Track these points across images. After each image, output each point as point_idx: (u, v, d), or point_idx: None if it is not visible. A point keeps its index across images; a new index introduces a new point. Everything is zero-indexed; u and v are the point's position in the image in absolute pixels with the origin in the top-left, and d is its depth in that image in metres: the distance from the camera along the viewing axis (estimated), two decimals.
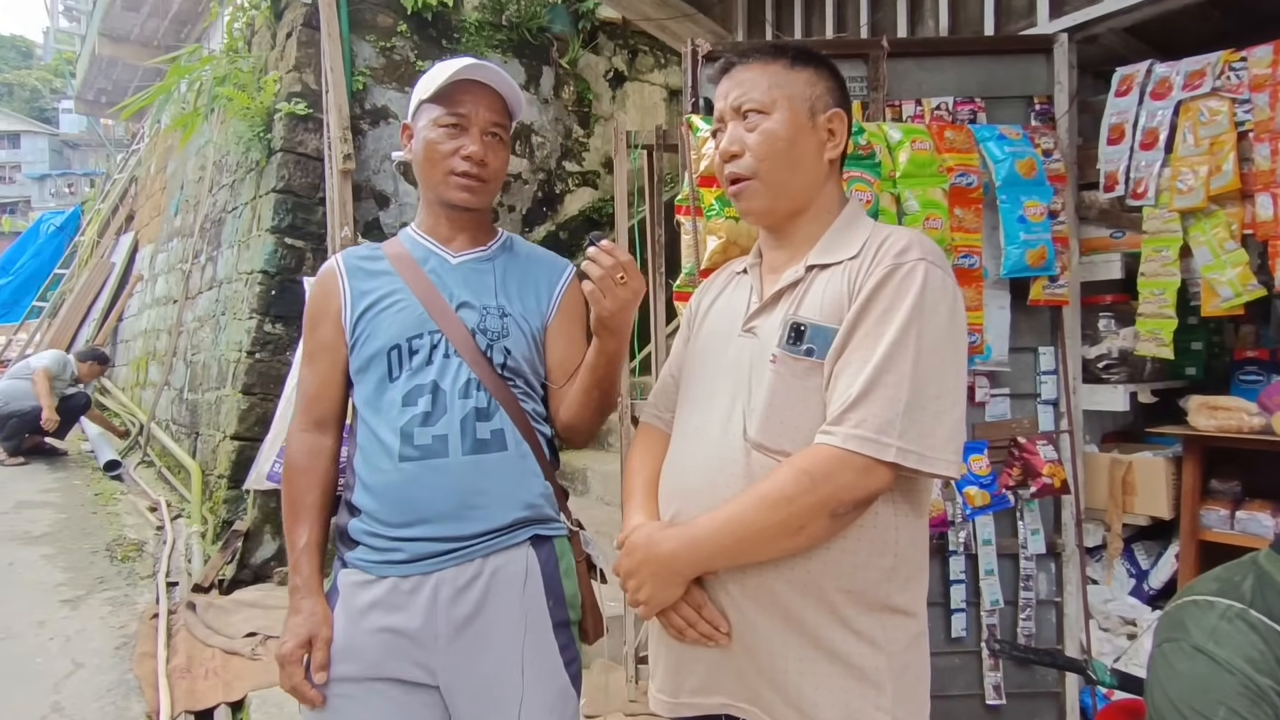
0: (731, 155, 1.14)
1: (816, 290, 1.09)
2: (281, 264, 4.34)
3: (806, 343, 1.05)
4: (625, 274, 1.11)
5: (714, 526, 1.03)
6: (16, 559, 3.90)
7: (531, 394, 1.33)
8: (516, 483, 1.26)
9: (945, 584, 2.21)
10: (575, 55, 5.82)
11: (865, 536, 1.04)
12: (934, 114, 2.20)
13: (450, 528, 1.21)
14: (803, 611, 1.03)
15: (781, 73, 1.13)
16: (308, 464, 1.32)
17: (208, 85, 4.91)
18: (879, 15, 2.79)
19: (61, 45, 18.10)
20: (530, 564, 1.26)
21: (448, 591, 1.20)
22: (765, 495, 1.00)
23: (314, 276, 1.41)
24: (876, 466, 0.97)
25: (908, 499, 1.08)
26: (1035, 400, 2.28)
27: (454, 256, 1.34)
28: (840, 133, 1.14)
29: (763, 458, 1.06)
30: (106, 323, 7.68)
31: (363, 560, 1.24)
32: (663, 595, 1.07)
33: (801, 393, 1.05)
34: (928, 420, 0.98)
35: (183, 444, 5.19)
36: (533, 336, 1.34)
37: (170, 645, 3.07)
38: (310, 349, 1.35)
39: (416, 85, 1.33)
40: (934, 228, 1.93)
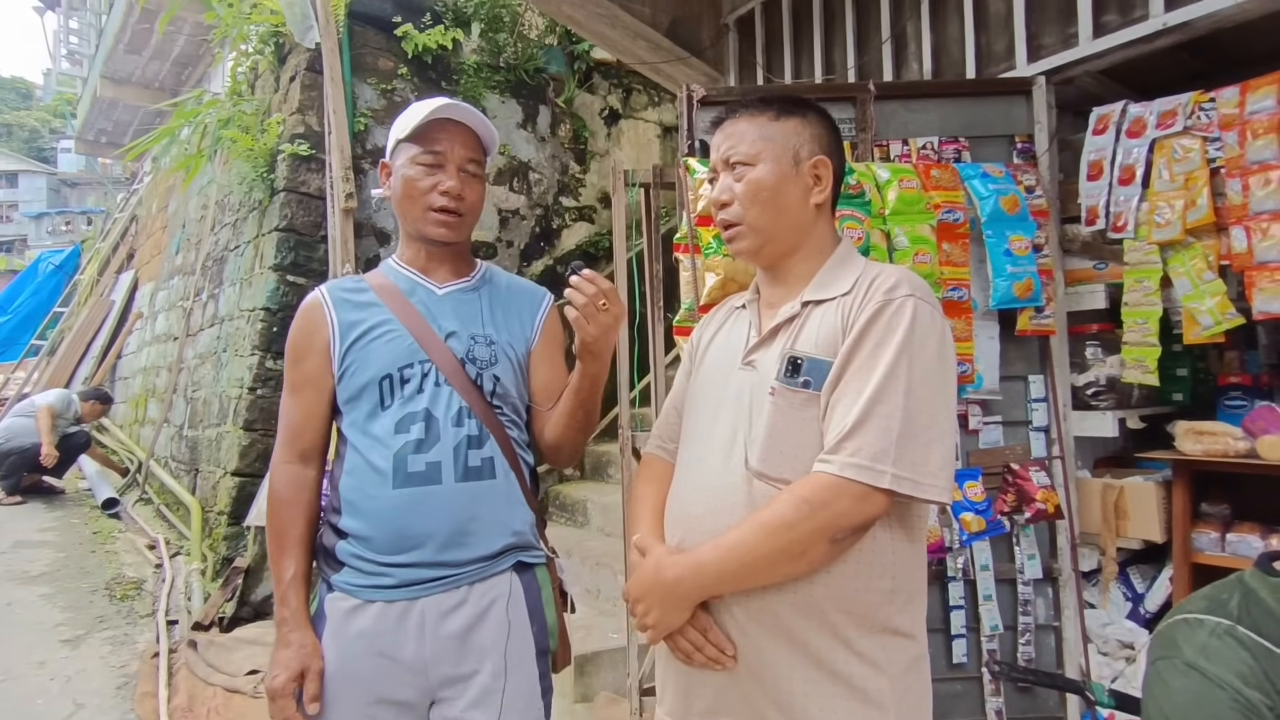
0: (722, 204, 1.22)
1: (812, 325, 1.14)
2: (284, 301, 4.40)
3: (803, 375, 1.11)
4: (606, 300, 1.17)
5: (718, 553, 1.07)
6: (15, 599, 3.89)
7: (517, 421, 1.38)
8: (506, 510, 1.31)
9: (945, 610, 2.25)
10: (571, 95, 5.97)
11: (864, 560, 1.08)
12: (920, 153, 2.29)
13: (442, 554, 1.24)
14: (806, 634, 1.07)
15: (768, 124, 1.20)
16: (292, 496, 1.33)
17: (212, 128, 5.02)
18: (865, 59, 2.91)
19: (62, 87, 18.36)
20: (514, 590, 1.30)
21: (434, 615, 1.23)
22: (767, 522, 1.04)
23: None
24: (872, 493, 1.01)
25: (903, 524, 1.12)
26: (1027, 427, 2.34)
27: (439, 288, 1.38)
28: (826, 178, 1.21)
29: (764, 486, 1.10)
30: (105, 360, 7.70)
31: (349, 584, 1.26)
32: (670, 619, 1.11)
33: (800, 423, 1.10)
34: (920, 448, 1.03)
35: (182, 481, 5.19)
36: (518, 363, 1.38)
37: (171, 684, 3.05)
38: (295, 381, 1.36)
39: (393, 125, 1.38)
40: (923, 262, 2.00)
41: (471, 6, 5.33)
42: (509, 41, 5.56)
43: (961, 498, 2.08)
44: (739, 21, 3.44)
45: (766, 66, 3.29)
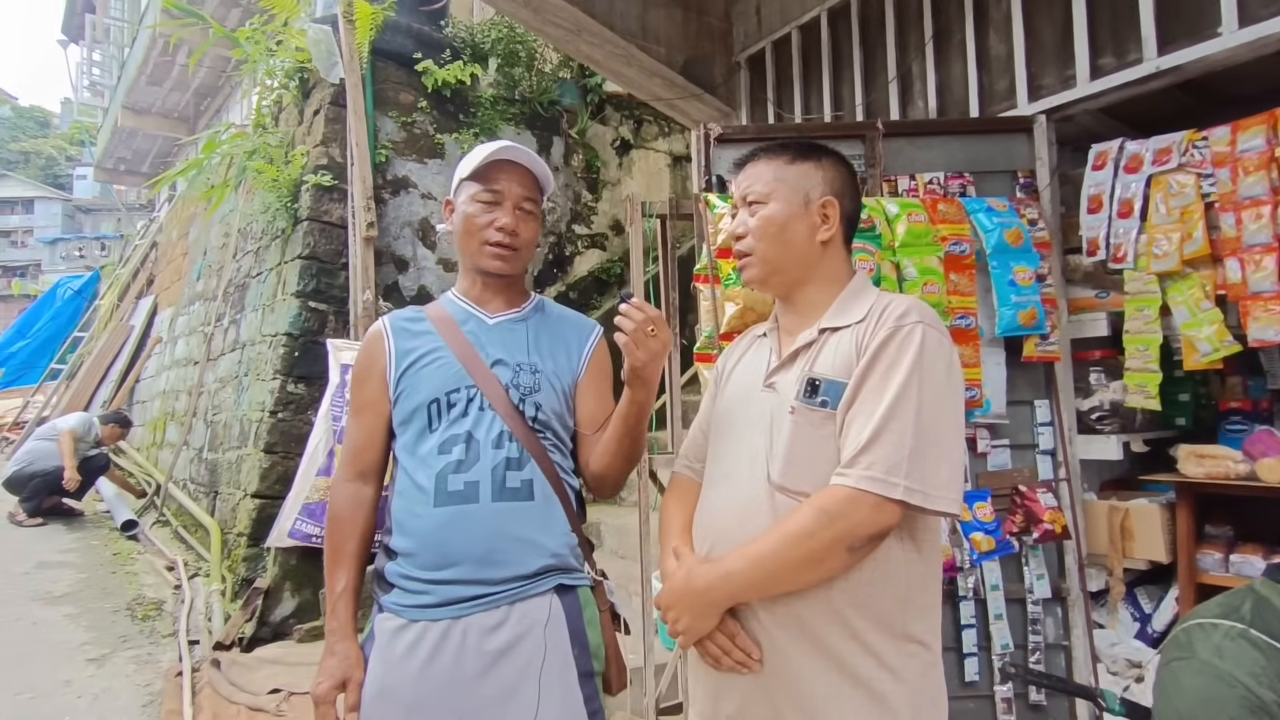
0: (738, 237, 1.34)
1: (829, 350, 1.24)
2: (305, 326, 4.51)
3: (821, 395, 1.20)
4: (655, 327, 1.23)
5: (744, 561, 1.15)
6: (40, 618, 3.96)
7: (561, 447, 1.43)
8: (543, 531, 1.34)
9: (957, 628, 2.31)
10: (584, 126, 6.15)
11: (880, 569, 1.16)
12: (927, 188, 2.40)
13: (479, 571, 1.29)
14: (828, 638, 1.15)
15: (783, 167, 1.32)
16: (350, 513, 1.41)
17: (238, 159, 5.18)
18: (872, 97, 3.04)
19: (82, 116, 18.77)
20: (554, 612, 1.32)
21: (475, 635, 1.27)
22: (788, 532, 1.13)
23: (336, 339, 1.53)
24: (886, 504, 1.10)
25: (914, 536, 1.20)
26: (1034, 450, 2.42)
27: (490, 318, 1.46)
28: (833, 217, 1.31)
29: (785, 498, 1.19)
30: (124, 384, 7.83)
31: (397, 604, 1.32)
32: (699, 625, 1.19)
33: (818, 440, 1.19)
34: (930, 463, 1.12)
35: (201, 503, 5.27)
36: (563, 392, 1.44)
37: (195, 703, 3.11)
38: (357, 404, 1.46)
39: (458, 165, 1.48)
40: (931, 292, 2.10)
41: (489, 43, 5.52)
42: (524, 76, 5.75)
43: (971, 518, 2.15)
44: (750, 60, 3.58)
45: (777, 103, 3.43)
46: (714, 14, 3.56)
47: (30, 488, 5.56)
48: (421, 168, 5.13)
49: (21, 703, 3.04)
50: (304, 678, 3.24)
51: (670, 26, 3.38)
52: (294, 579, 3.99)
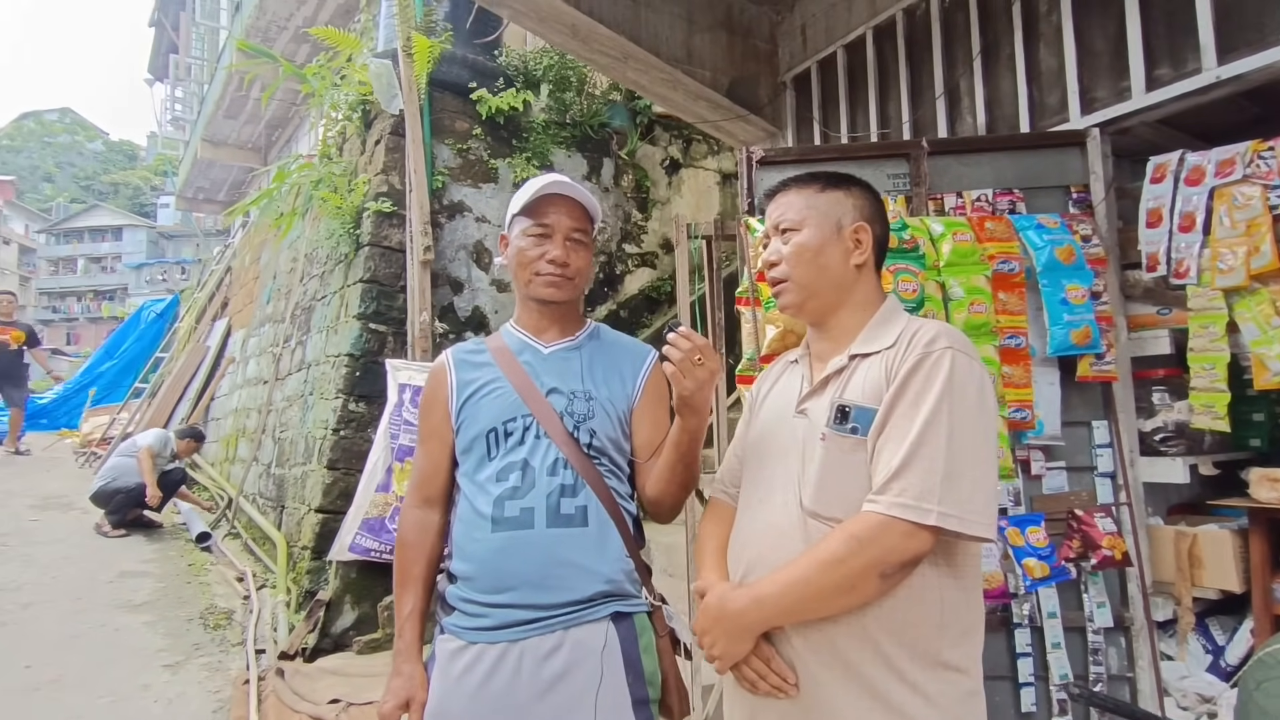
0: (771, 264, 1.36)
1: (859, 376, 1.25)
2: (366, 347, 4.69)
3: (851, 422, 1.21)
4: (702, 355, 1.24)
5: (776, 586, 1.17)
6: (122, 625, 4.18)
7: (617, 472, 1.45)
8: (597, 557, 1.36)
9: (1012, 657, 2.24)
10: (634, 147, 6.24)
11: (914, 596, 1.16)
12: (974, 205, 2.36)
13: (533, 596, 1.32)
14: (861, 664, 1.15)
15: (813, 196, 1.35)
16: (416, 539, 1.47)
17: (305, 188, 5.45)
18: (919, 113, 3.01)
19: (165, 149, 19.98)
20: (610, 639, 1.33)
21: (531, 660, 1.30)
22: (820, 558, 1.14)
23: (394, 359, 1.60)
24: (918, 530, 1.10)
25: (950, 561, 1.20)
26: (1092, 473, 2.34)
27: (545, 347, 1.50)
28: (866, 242, 1.33)
29: (818, 524, 1.20)
30: (200, 402, 8.26)
31: (456, 626, 1.36)
32: (734, 650, 1.20)
33: (849, 466, 1.20)
34: (964, 488, 1.11)
35: (269, 517, 5.50)
36: (618, 418, 1.46)
37: (261, 710, 3.24)
38: (423, 433, 1.53)
39: (511, 199, 1.53)
40: (979, 312, 2.07)
41: (541, 70, 5.67)
42: (575, 100, 5.88)
43: (1024, 543, 2.09)
44: (796, 80, 3.60)
45: (823, 122, 3.43)
46: (759, 36, 3.60)
47: (115, 502, 5.90)
48: (476, 192, 5.29)
49: (103, 706, 3.22)
50: (362, 688, 3.34)
51: (715, 50, 3.42)
52: (354, 592, 4.12)
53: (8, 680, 3.38)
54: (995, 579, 2.08)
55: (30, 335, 8.40)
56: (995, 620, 2.25)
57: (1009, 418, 2.14)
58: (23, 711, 3.11)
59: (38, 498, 6.99)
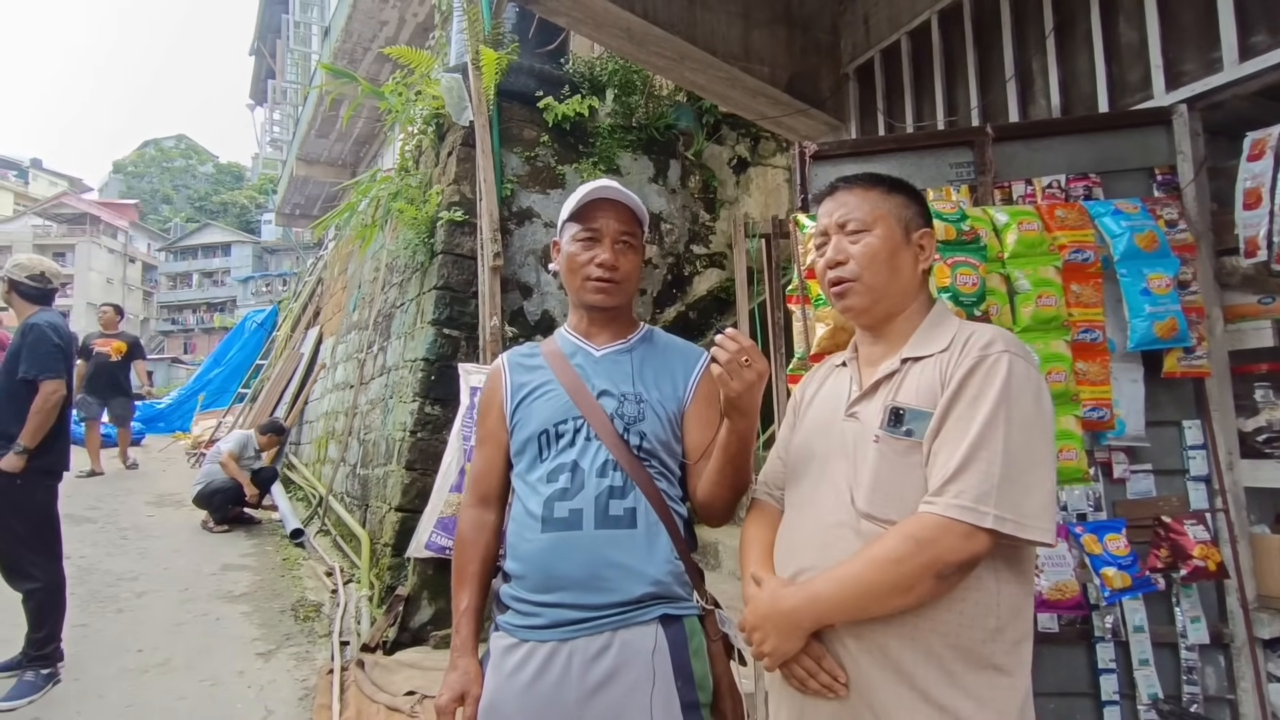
0: (837, 263, 1.34)
1: (912, 380, 1.24)
2: (440, 352, 4.86)
3: (906, 425, 1.20)
4: (749, 358, 1.22)
5: (831, 585, 1.16)
6: (223, 615, 4.48)
7: (667, 475, 1.45)
8: (644, 559, 1.36)
9: (1093, 672, 2.10)
10: (700, 147, 6.22)
11: (970, 598, 1.14)
12: (1045, 192, 2.23)
13: (582, 597, 1.33)
14: (912, 666, 1.13)
15: (880, 198, 1.33)
16: (473, 537, 1.51)
17: (384, 200, 5.70)
18: (989, 99, 2.87)
19: (266, 169, 21.33)
20: (659, 642, 1.32)
21: (580, 660, 1.31)
22: (876, 557, 1.13)
23: (468, 363, 1.65)
24: (976, 532, 1.08)
25: (1009, 566, 1.17)
26: (1183, 477, 2.17)
27: (597, 350, 1.52)
28: (930, 247, 1.33)
29: (872, 525, 1.19)
30: (295, 406, 8.76)
31: (510, 624, 1.39)
32: (785, 647, 1.20)
33: (903, 468, 1.19)
34: (1021, 491, 1.09)
35: (354, 515, 5.77)
36: (669, 420, 1.46)
37: (343, 699, 3.40)
38: (480, 436, 1.57)
39: (562, 208, 1.55)
40: (1047, 305, 1.95)
41: (606, 75, 5.73)
42: (640, 103, 5.91)
43: (1102, 550, 1.96)
44: (858, 70, 3.50)
45: (887, 113, 3.32)
46: (820, 28, 3.52)
47: (214, 502, 6.37)
48: (544, 198, 5.40)
49: (203, 689, 3.46)
50: (437, 681, 3.41)
51: (774, 45, 3.37)
52: (431, 588, 4.26)
53: (123, 662, 3.68)
54: (1070, 588, 1.95)
55: (133, 347, 8.17)
56: (1074, 633, 2.12)
57: (1084, 417, 2.01)
58: (135, 691, 3.38)
59: (154, 495, 7.58)
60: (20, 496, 3.27)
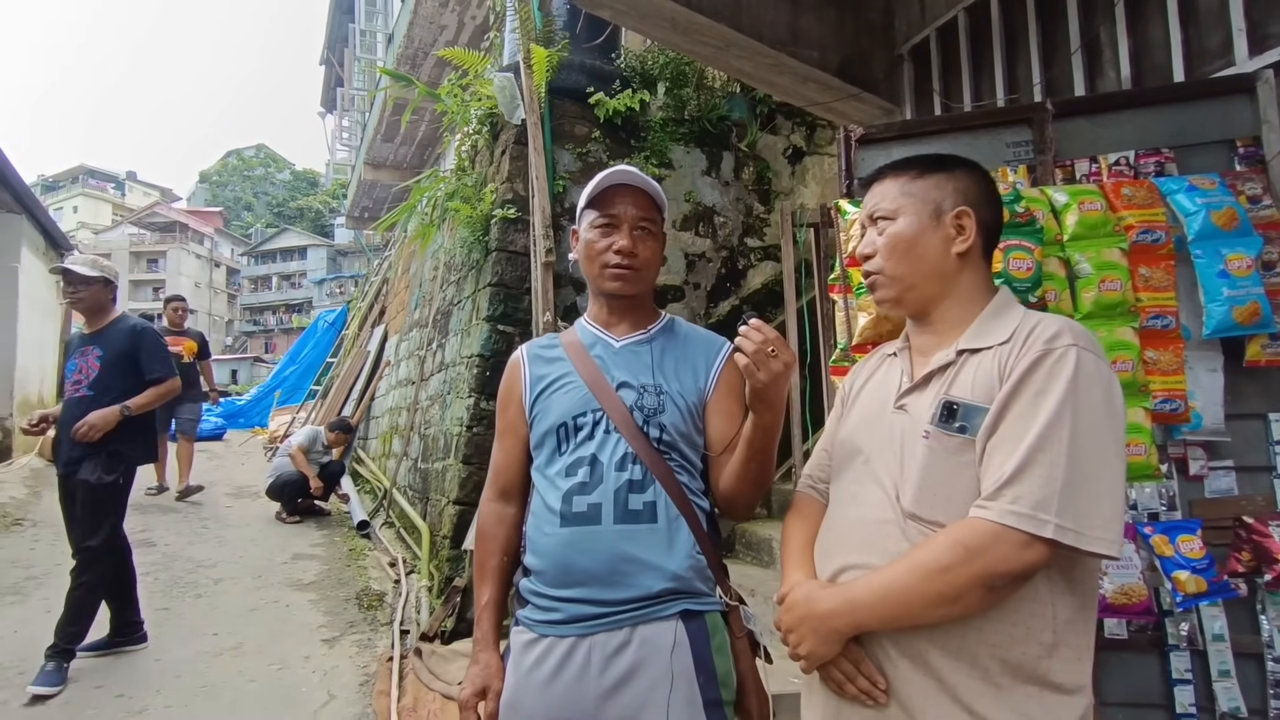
0: (865, 256, 1.29)
1: (968, 372, 1.16)
2: (495, 348, 4.93)
3: (959, 420, 1.12)
4: (776, 348, 1.19)
5: (871, 590, 1.10)
6: (291, 602, 4.68)
7: (688, 468, 1.42)
8: (664, 554, 1.33)
9: (1166, 683, 1.96)
10: (754, 138, 6.12)
11: (1023, 610, 1.06)
12: (1112, 170, 2.09)
13: (601, 592, 1.31)
14: (955, 678, 1.06)
15: (909, 182, 1.26)
16: (493, 531, 1.51)
17: (441, 200, 5.82)
18: (1053, 73, 2.71)
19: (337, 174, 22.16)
20: (679, 638, 1.30)
21: (599, 656, 1.29)
22: (921, 564, 1.06)
23: None
24: (1033, 542, 1.00)
25: (1067, 577, 1.08)
26: (1270, 474, 1.99)
27: (617, 341, 1.50)
28: (969, 227, 1.23)
29: (918, 527, 1.12)
30: (362, 402, 9.07)
31: (529, 619, 1.38)
32: (821, 651, 1.14)
33: (954, 467, 1.11)
34: (1086, 499, 1.01)
35: (416, 507, 5.93)
36: (689, 412, 1.42)
37: (401, 686, 3.50)
38: (500, 428, 1.57)
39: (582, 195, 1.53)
40: (1111, 290, 1.82)
41: (657, 68, 5.70)
42: (692, 95, 5.85)
43: (1173, 553, 1.82)
44: (913, 51, 3.37)
45: (944, 93, 3.18)
46: (872, 8, 3.40)
47: (285, 494, 6.68)
48: None
49: (272, 672, 3.61)
50: None
51: (823, 29, 3.27)
52: None
53: (200, 645, 3.88)
54: (1137, 592, 1.82)
55: (201, 346, 7.25)
56: (1144, 640, 1.98)
57: (1155, 410, 1.87)
58: (209, 672, 3.57)
59: (232, 487, 7.98)
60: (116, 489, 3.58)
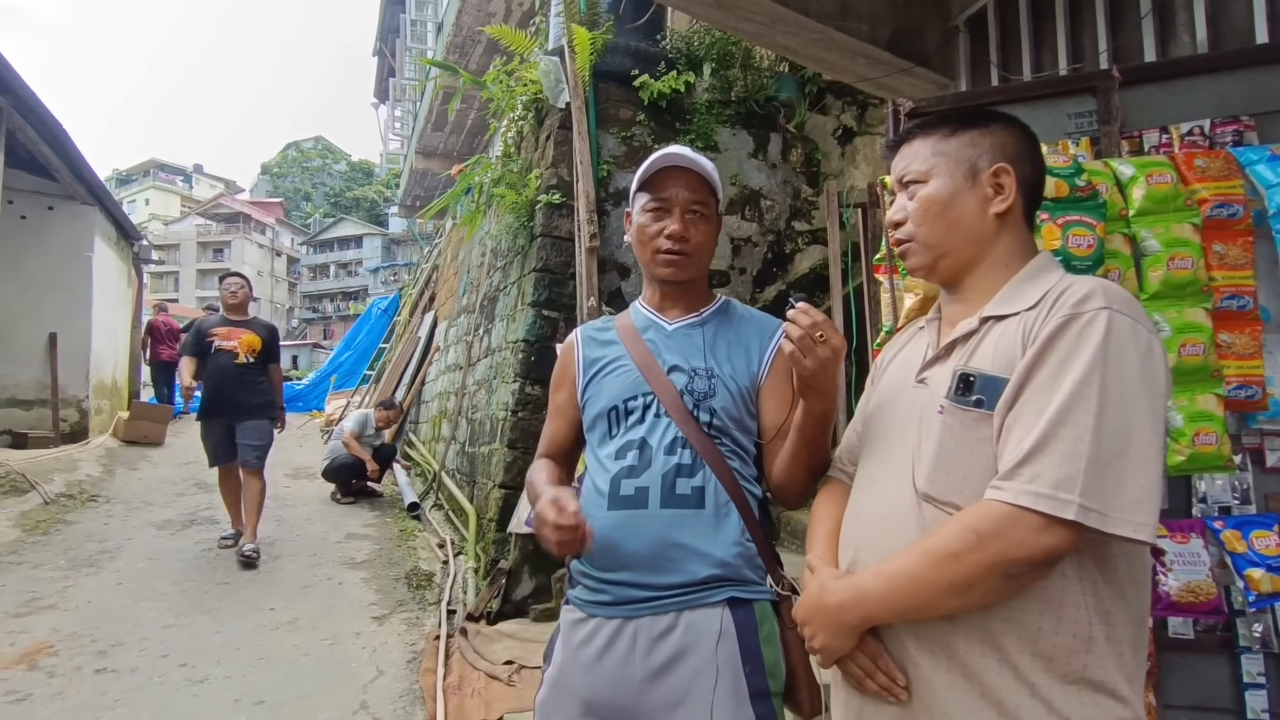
0: (896, 223, 1.21)
1: (990, 341, 1.08)
2: (540, 333, 4.96)
3: (976, 393, 1.04)
4: (824, 333, 1.14)
5: (879, 581, 1.04)
6: (345, 580, 4.82)
7: (740, 453, 1.38)
8: (710, 540, 1.30)
9: (1237, 687, 1.84)
10: (802, 119, 5.98)
11: (1051, 599, 0.98)
12: (1185, 140, 1.95)
13: (647, 576, 1.30)
14: (983, 672, 0.99)
15: (939, 141, 1.18)
16: (539, 465, 1.49)
17: (487, 187, 5.86)
18: (1121, 39, 2.55)
19: (390, 164, 22.59)
20: (725, 626, 1.28)
21: (645, 639, 1.28)
22: (930, 551, 0.99)
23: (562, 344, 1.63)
24: (1053, 525, 0.92)
25: (1100, 564, 1.00)
26: None
27: (670, 324, 1.47)
28: (1009, 185, 1.14)
29: (934, 510, 1.05)
30: (413, 387, 9.26)
31: (578, 599, 1.38)
32: (834, 644, 1.09)
33: (970, 444, 1.04)
34: (1112, 477, 0.92)
35: (464, 490, 6.03)
36: (741, 396, 1.39)
37: (447, 665, 3.56)
38: (551, 409, 1.57)
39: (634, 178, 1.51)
40: (1181, 268, 1.71)
41: (703, 48, 5.60)
42: (739, 76, 5.74)
43: (1247, 549, 1.70)
44: (969, 21, 3.22)
45: (1002, 65, 3.03)
46: None
47: (340, 477, 6.89)
48: None
49: (324, 647, 3.72)
50: (535, 653, 3.55)
51: (873, 1, 3.15)
52: (532, 563, 4.39)
53: (258, 619, 4.03)
54: (1205, 590, 1.71)
55: (267, 343, 5.09)
56: (1213, 641, 1.87)
57: (1229, 396, 1.75)
58: (266, 645, 3.70)
59: (291, 468, 8.26)
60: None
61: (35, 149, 7.24)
